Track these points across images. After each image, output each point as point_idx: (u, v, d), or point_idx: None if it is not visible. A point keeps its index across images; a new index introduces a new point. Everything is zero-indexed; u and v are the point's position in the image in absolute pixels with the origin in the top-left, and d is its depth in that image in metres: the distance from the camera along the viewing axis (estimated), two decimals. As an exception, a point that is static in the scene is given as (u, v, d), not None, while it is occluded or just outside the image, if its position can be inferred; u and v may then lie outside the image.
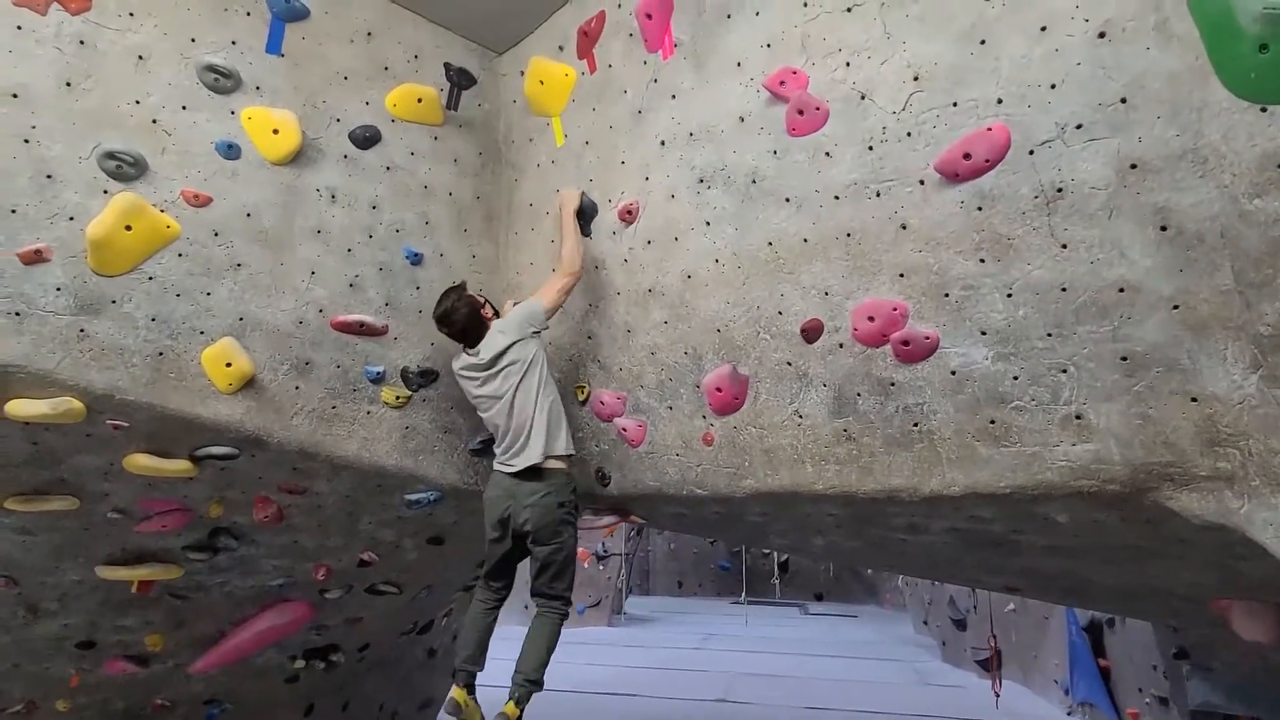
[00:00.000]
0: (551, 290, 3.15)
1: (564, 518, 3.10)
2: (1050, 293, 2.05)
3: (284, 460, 3.15)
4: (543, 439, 3.05)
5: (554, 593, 3.15)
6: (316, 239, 3.12)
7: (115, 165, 2.64)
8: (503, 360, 3.11)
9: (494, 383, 3.12)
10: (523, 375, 3.08)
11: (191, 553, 3.38)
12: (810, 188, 2.51)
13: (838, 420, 2.53)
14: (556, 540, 3.09)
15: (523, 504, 3.07)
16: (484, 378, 3.15)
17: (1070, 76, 1.96)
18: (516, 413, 3.09)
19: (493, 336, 3.14)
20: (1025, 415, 2.13)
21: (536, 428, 3.06)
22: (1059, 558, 2.63)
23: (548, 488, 3.08)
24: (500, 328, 3.16)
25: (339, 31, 3.18)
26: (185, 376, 2.81)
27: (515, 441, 3.10)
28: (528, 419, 3.07)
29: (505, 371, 3.11)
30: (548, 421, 3.08)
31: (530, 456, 3.05)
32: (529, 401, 3.07)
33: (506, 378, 3.11)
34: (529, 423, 3.08)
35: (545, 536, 3.08)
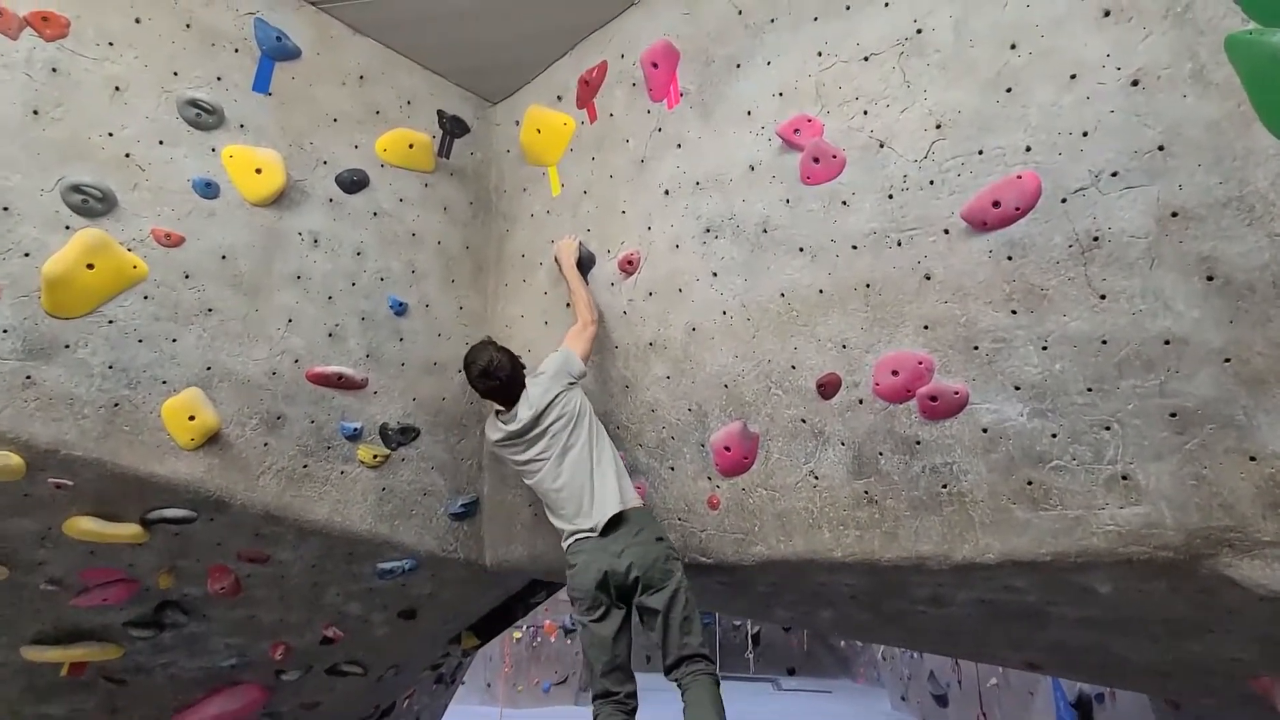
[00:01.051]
0: (580, 341, 2.90)
1: (669, 553, 2.63)
2: (1089, 345, 1.95)
3: (246, 524, 2.86)
4: (615, 486, 2.69)
5: (692, 650, 2.53)
6: (295, 285, 2.93)
7: (81, 199, 2.44)
8: (547, 417, 2.75)
9: (541, 444, 2.76)
10: (571, 429, 2.75)
11: (134, 629, 3.03)
12: (826, 237, 2.41)
13: (858, 481, 2.37)
14: (671, 580, 2.56)
15: (619, 552, 2.58)
16: (527, 441, 2.78)
17: (1103, 124, 1.91)
18: (572, 472, 2.72)
19: (528, 395, 2.80)
20: (1066, 476, 1.99)
21: (602, 478, 2.70)
22: (1092, 631, 2.46)
23: (639, 525, 2.65)
24: (535, 384, 2.82)
25: (330, 73, 3.07)
26: (142, 430, 2.55)
27: (582, 502, 2.70)
28: (587, 475, 2.71)
29: (552, 429, 2.75)
30: (615, 469, 2.74)
31: (607, 507, 2.65)
32: (584, 457, 2.72)
33: (554, 436, 2.75)
34: (589, 478, 2.71)
35: (657, 579, 2.54)
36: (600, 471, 2.73)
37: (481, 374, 2.77)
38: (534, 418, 2.76)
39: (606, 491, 2.69)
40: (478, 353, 2.82)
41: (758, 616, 3.77)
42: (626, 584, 2.57)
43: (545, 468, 2.75)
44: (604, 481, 2.71)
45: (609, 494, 2.68)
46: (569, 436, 2.75)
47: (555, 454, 2.74)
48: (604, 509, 2.65)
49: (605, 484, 2.70)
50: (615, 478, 2.73)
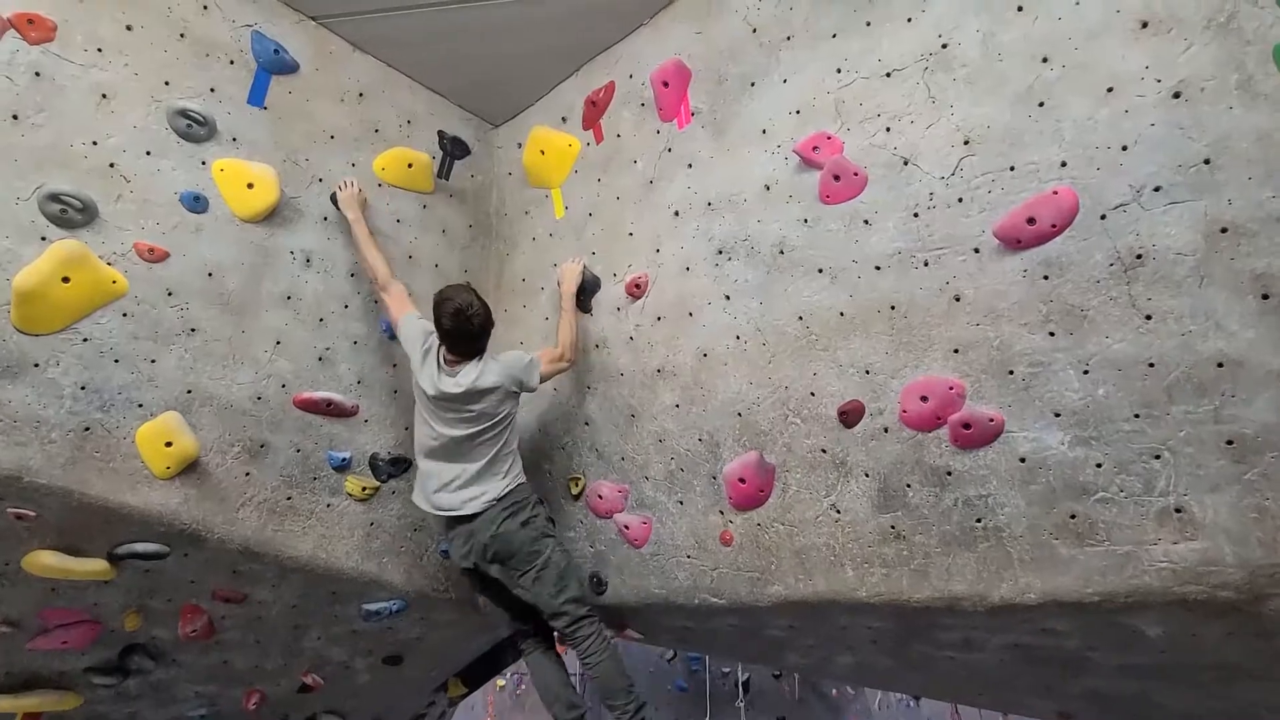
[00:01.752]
0: (550, 365, 2.80)
1: (537, 533, 2.70)
2: (1135, 368, 1.83)
3: (223, 561, 2.66)
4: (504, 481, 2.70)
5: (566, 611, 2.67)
6: (285, 306, 2.78)
7: (59, 209, 2.29)
8: (476, 404, 2.62)
9: (450, 417, 2.65)
10: (496, 421, 2.67)
11: (96, 676, 2.80)
12: (847, 257, 2.31)
13: (884, 515, 2.23)
14: (537, 561, 2.66)
15: (482, 539, 2.66)
16: (447, 406, 2.64)
17: (1144, 138, 1.83)
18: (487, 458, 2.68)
19: (483, 366, 2.64)
20: (1114, 508, 1.86)
21: (504, 468, 2.72)
22: (1132, 679, 2.30)
23: (505, 511, 2.66)
24: (495, 363, 2.68)
25: (328, 89, 2.97)
26: (114, 456, 2.37)
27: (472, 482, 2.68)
28: (482, 469, 2.68)
29: (482, 413, 2.64)
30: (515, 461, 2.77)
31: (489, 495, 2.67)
32: (487, 457, 2.68)
33: (468, 423, 2.64)
34: (500, 467, 2.71)
35: (522, 563, 2.66)
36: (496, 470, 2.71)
37: (455, 313, 2.56)
38: (465, 394, 2.61)
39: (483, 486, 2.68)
40: (455, 291, 2.63)
41: (768, 662, 3.57)
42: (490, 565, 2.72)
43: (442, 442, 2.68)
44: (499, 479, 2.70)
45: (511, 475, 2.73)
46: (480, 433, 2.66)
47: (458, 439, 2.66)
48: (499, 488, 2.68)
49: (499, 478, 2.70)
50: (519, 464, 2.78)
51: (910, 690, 3.51)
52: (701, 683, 15.08)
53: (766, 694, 17.84)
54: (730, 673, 17.18)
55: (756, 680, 17.18)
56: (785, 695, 17.87)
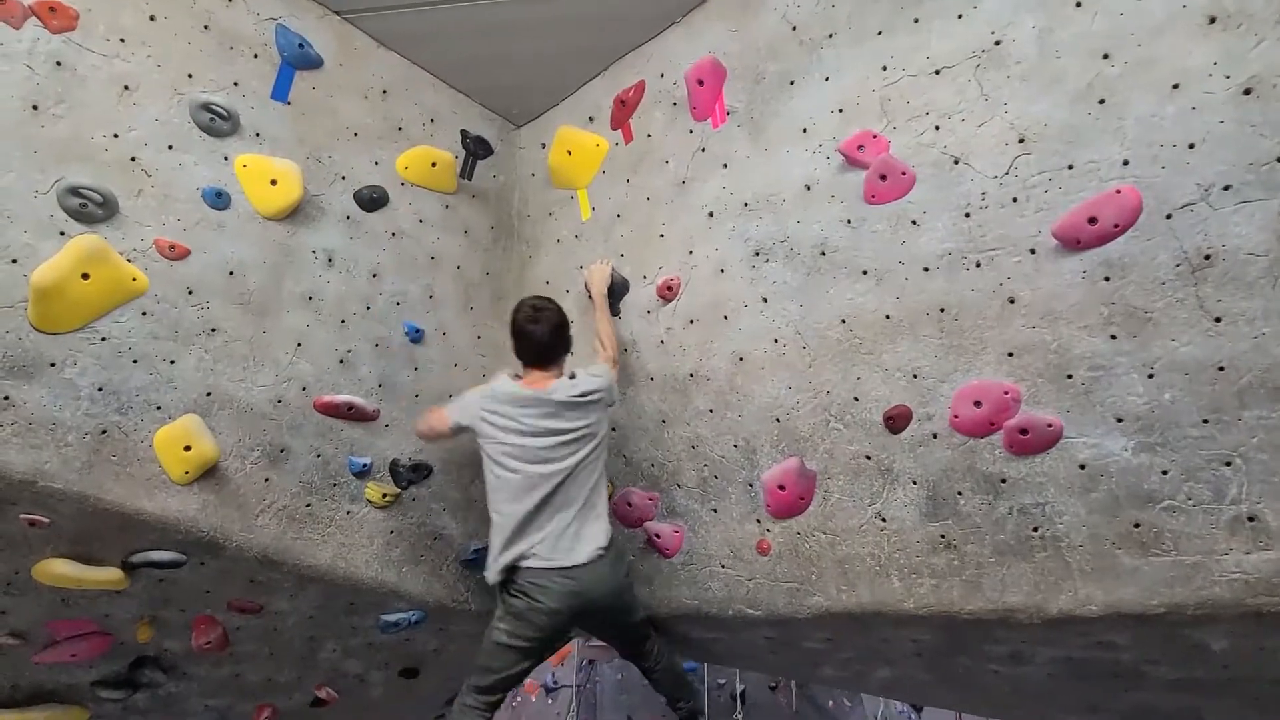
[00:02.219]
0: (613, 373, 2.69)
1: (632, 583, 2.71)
2: (1204, 372, 1.78)
3: (241, 570, 2.56)
4: (604, 524, 2.51)
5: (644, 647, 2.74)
6: (307, 306, 2.70)
7: (79, 203, 2.21)
8: (580, 415, 2.46)
9: (549, 438, 2.44)
10: (592, 450, 2.50)
11: (104, 690, 2.68)
12: (893, 259, 2.25)
13: (933, 524, 2.16)
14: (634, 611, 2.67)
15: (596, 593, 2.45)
16: (539, 424, 2.44)
17: (1212, 135, 1.78)
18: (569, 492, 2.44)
19: (581, 377, 2.53)
20: (1181, 517, 1.80)
21: (597, 512, 2.51)
22: (1184, 694, 2.24)
23: (613, 564, 2.51)
24: (591, 376, 2.56)
25: (352, 85, 2.90)
26: (131, 461, 2.27)
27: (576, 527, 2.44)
28: (582, 501, 2.46)
29: (576, 434, 2.45)
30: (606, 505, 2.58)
31: (594, 540, 2.46)
32: (588, 483, 2.49)
33: (572, 443, 2.45)
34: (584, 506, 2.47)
35: (626, 608, 2.63)
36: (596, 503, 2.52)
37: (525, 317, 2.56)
38: (569, 402, 2.46)
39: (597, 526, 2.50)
40: (532, 298, 2.65)
41: (801, 676, 3.49)
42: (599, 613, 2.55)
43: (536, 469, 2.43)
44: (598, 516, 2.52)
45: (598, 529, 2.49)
46: (588, 457, 2.48)
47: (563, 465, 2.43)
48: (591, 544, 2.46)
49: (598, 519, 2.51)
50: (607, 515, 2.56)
51: (946, 705, 3.43)
52: (698, 695, 14.87)
53: (763, 706, 17.71)
54: (726, 684, 17.06)
55: (752, 692, 17.08)
56: (782, 707, 17.74)
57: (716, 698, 18.52)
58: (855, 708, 16.02)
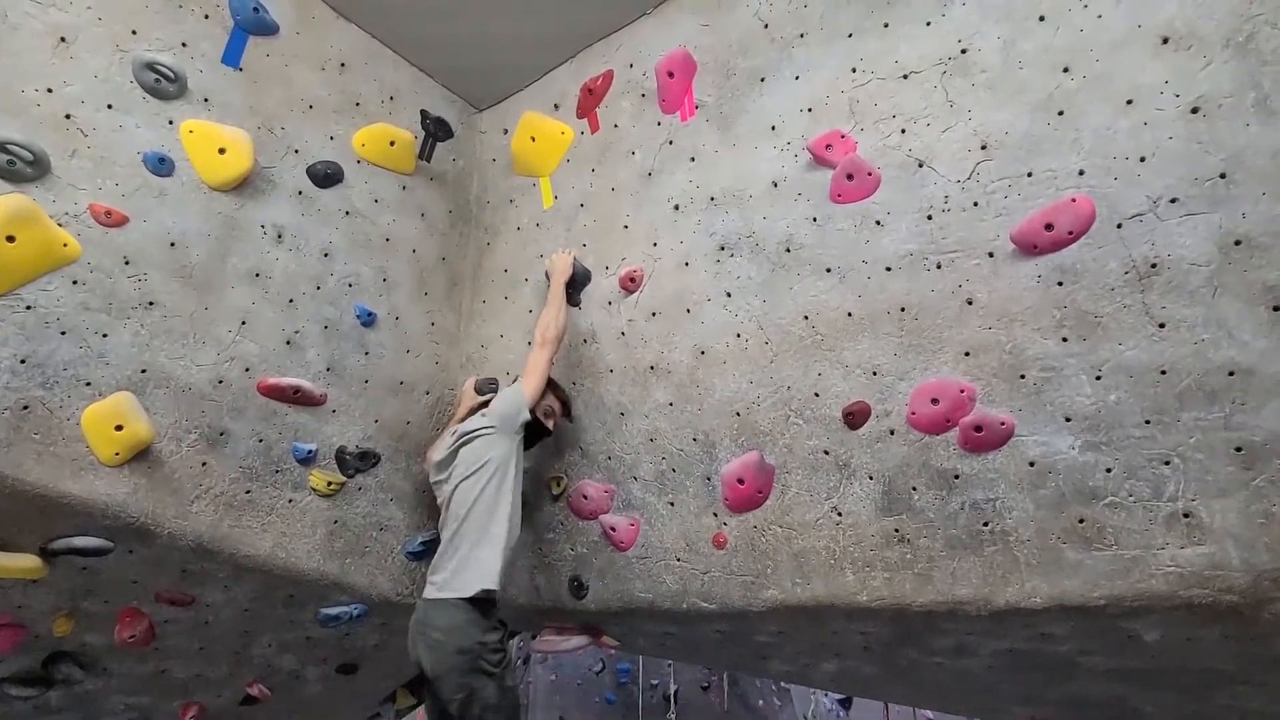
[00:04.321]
0: (532, 372, 2.61)
1: (470, 666, 2.26)
2: (1147, 375, 1.87)
3: (173, 559, 2.42)
4: (474, 573, 2.33)
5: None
6: (254, 283, 2.57)
7: (6, 160, 2.05)
8: (465, 447, 2.54)
9: (444, 471, 2.60)
10: (469, 474, 2.46)
11: (14, 687, 2.50)
12: (856, 258, 2.29)
13: (887, 518, 2.20)
14: (460, 694, 2.25)
15: (425, 641, 2.32)
16: (439, 462, 2.63)
17: (1161, 150, 1.87)
18: (452, 518, 2.44)
19: (470, 420, 2.62)
20: (1122, 513, 1.88)
21: (470, 552, 2.37)
22: (1118, 683, 2.35)
23: (449, 627, 2.29)
24: (480, 416, 2.62)
25: (309, 55, 2.78)
26: (55, 439, 2.12)
27: (445, 555, 2.41)
28: (458, 533, 2.40)
29: (462, 462, 2.52)
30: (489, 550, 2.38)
31: (447, 585, 2.34)
32: (464, 510, 2.41)
33: (460, 469, 2.51)
34: (461, 541, 2.39)
35: (448, 690, 2.26)
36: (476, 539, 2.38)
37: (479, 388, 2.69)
38: (460, 437, 2.57)
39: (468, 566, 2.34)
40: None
41: (749, 670, 3.51)
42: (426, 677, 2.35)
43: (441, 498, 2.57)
44: (474, 552, 2.37)
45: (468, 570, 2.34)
46: (466, 478, 2.47)
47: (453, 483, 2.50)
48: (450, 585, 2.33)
49: (473, 555, 2.36)
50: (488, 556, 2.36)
51: (889, 698, 3.51)
52: (630, 694, 14.92)
53: (695, 705, 17.82)
54: (659, 684, 17.11)
55: (685, 692, 17.18)
56: (714, 706, 17.91)
57: (649, 698, 18.57)
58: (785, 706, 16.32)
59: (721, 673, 10.13)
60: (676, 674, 10.09)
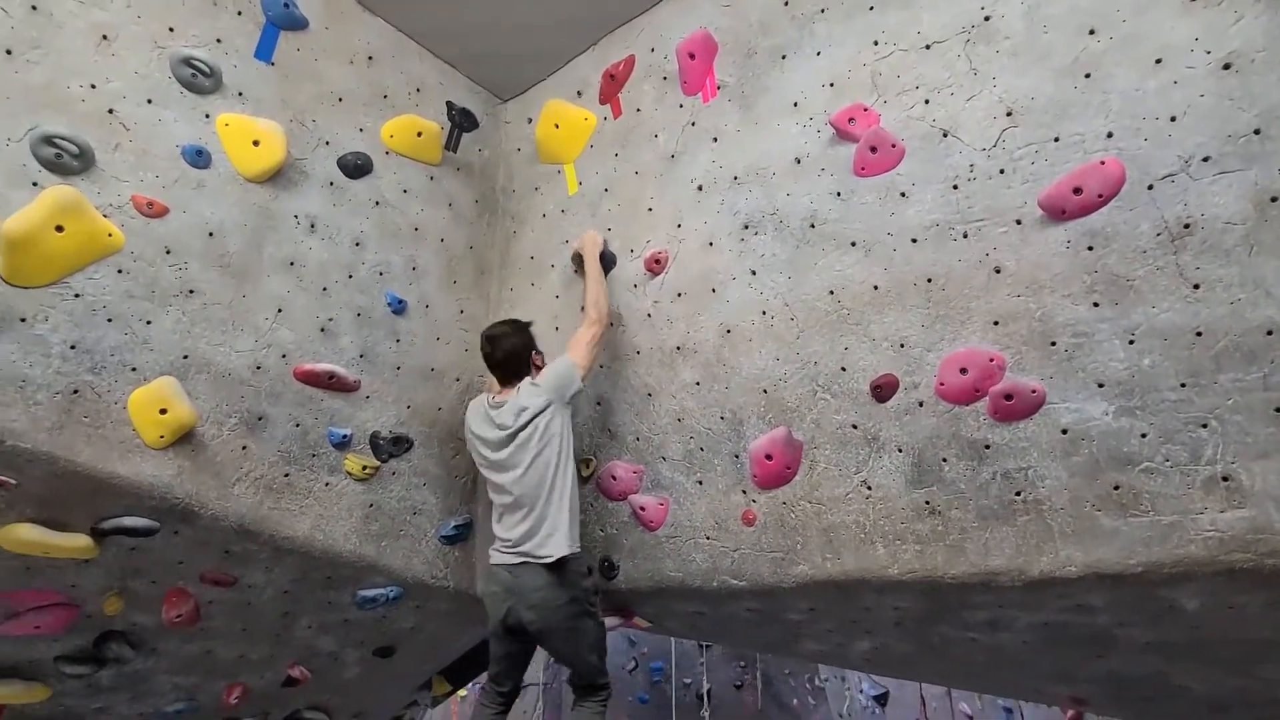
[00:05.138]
0: (581, 345, 2.68)
1: (579, 610, 2.56)
2: (1182, 338, 1.83)
3: (215, 540, 2.50)
4: (564, 534, 2.51)
5: (587, 682, 2.67)
6: (288, 272, 2.64)
7: (54, 153, 2.14)
8: (527, 426, 2.58)
9: (508, 449, 2.60)
10: (542, 449, 2.56)
11: (68, 665, 2.59)
12: (882, 230, 2.29)
13: (918, 491, 2.19)
14: (571, 639, 2.58)
15: (526, 602, 2.51)
16: (500, 440, 2.62)
17: (1193, 108, 1.84)
18: (530, 492, 2.55)
19: (524, 394, 2.63)
20: (1159, 478, 1.85)
21: (555, 518, 2.53)
22: (1157, 657, 2.30)
23: (553, 580, 2.50)
24: (533, 387, 2.64)
25: (338, 49, 2.85)
26: (104, 423, 2.20)
27: (524, 526, 2.54)
28: (543, 503, 2.53)
29: (525, 439, 2.58)
30: (572, 509, 2.57)
31: (542, 549, 2.50)
32: (546, 483, 2.54)
33: (523, 447, 2.57)
34: (546, 509, 2.54)
35: (559, 641, 2.59)
36: (555, 509, 2.55)
37: (487, 339, 2.74)
38: (515, 421, 2.60)
39: (550, 534, 2.52)
40: (492, 325, 2.82)
41: (781, 650, 3.50)
42: (529, 632, 2.56)
43: (506, 476, 2.60)
44: (556, 524, 2.53)
45: (552, 539, 2.51)
46: (538, 456, 2.56)
47: (520, 467, 2.57)
48: (536, 550, 2.50)
49: (555, 527, 2.53)
50: (568, 525, 2.55)
51: (925, 678, 3.48)
52: (664, 694, 14.90)
53: (729, 705, 17.75)
54: (692, 683, 17.08)
55: (718, 691, 17.11)
56: (747, 704, 17.81)
57: (682, 696, 18.54)
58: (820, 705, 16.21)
59: (755, 671, 10.09)
60: (710, 673, 10.06)
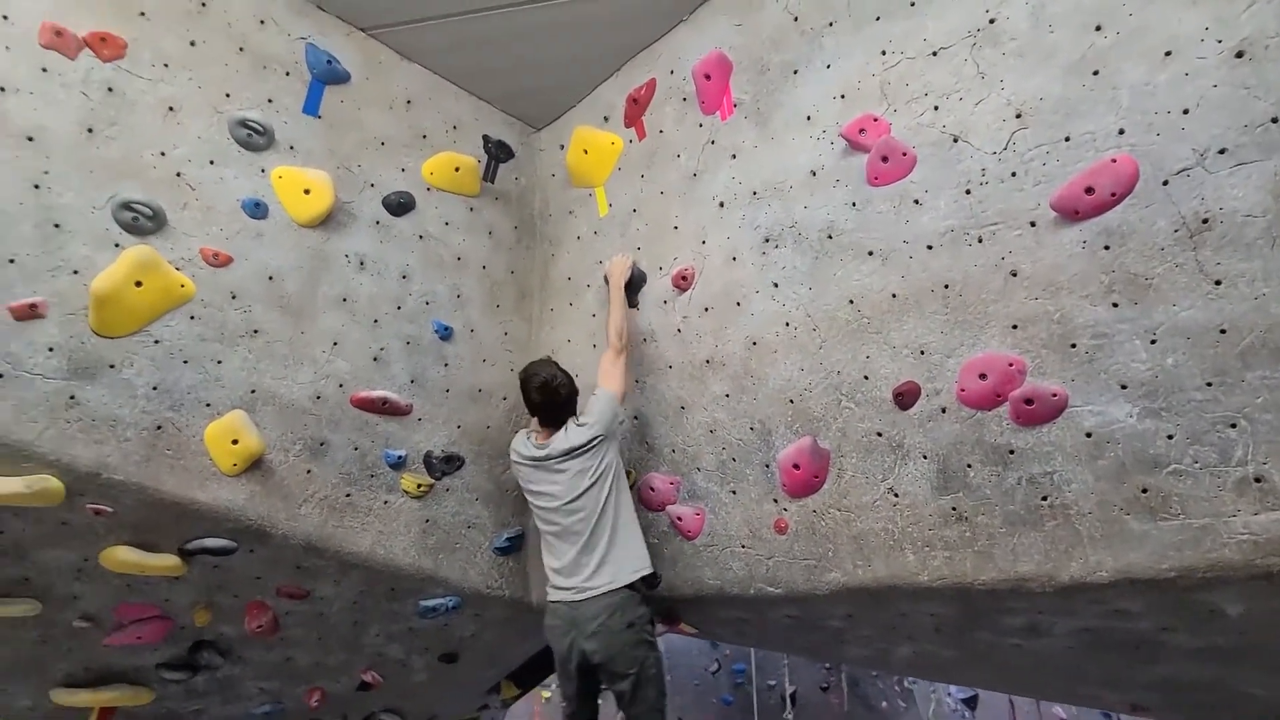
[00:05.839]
0: (616, 376, 2.80)
1: (639, 638, 2.61)
2: (1206, 336, 1.79)
3: (287, 557, 2.72)
4: (619, 564, 2.62)
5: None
6: (341, 308, 2.86)
7: (131, 217, 2.40)
8: (578, 459, 2.68)
9: (560, 482, 2.70)
10: (595, 480, 2.66)
11: (167, 672, 2.88)
12: (897, 238, 2.30)
13: (944, 497, 2.19)
14: (634, 669, 2.58)
15: (586, 632, 2.59)
16: (550, 475, 2.74)
17: (1205, 100, 1.79)
18: (583, 525, 2.65)
19: (572, 434, 2.73)
20: (1188, 480, 1.81)
21: (609, 549, 2.63)
22: (1211, 664, 2.22)
23: (610, 608, 2.58)
24: (580, 427, 2.73)
25: (378, 97, 3.06)
26: (184, 454, 2.45)
27: (582, 560, 2.65)
28: (597, 535, 2.64)
29: (579, 473, 2.67)
30: (637, 534, 2.70)
31: (596, 580, 2.61)
32: (598, 515, 2.65)
33: (578, 481, 2.67)
34: (598, 540, 2.64)
35: (621, 666, 2.58)
36: (612, 536, 2.65)
37: (542, 386, 2.75)
38: (566, 453, 2.70)
39: (610, 564, 2.62)
40: (540, 366, 2.82)
41: (826, 656, 3.53)
42: (590, 664, 2.61)
43: (560, 512, 2.70)
44: (612, 549, 2.64)
45: (611, 569, 2.62)
46: (591, 487, 2.66)
47: (576, 502, 2.67)
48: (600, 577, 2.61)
49: (612, 550, 2.64)
50: (638, 543, 2.69)
51: (974, 684, 3.42)
52: (747, 696, 14.80)
53: (814, 706, 17.43)
54: (776, 685, 16.87)
55: (804, 693, 16.81)
56: (834, 708, 17.44)
57: (767, 699, 18.30)
58: (909, 708, 15.74)
59: (840, 673, 9.92)
60: (795, 674, 9.94)
